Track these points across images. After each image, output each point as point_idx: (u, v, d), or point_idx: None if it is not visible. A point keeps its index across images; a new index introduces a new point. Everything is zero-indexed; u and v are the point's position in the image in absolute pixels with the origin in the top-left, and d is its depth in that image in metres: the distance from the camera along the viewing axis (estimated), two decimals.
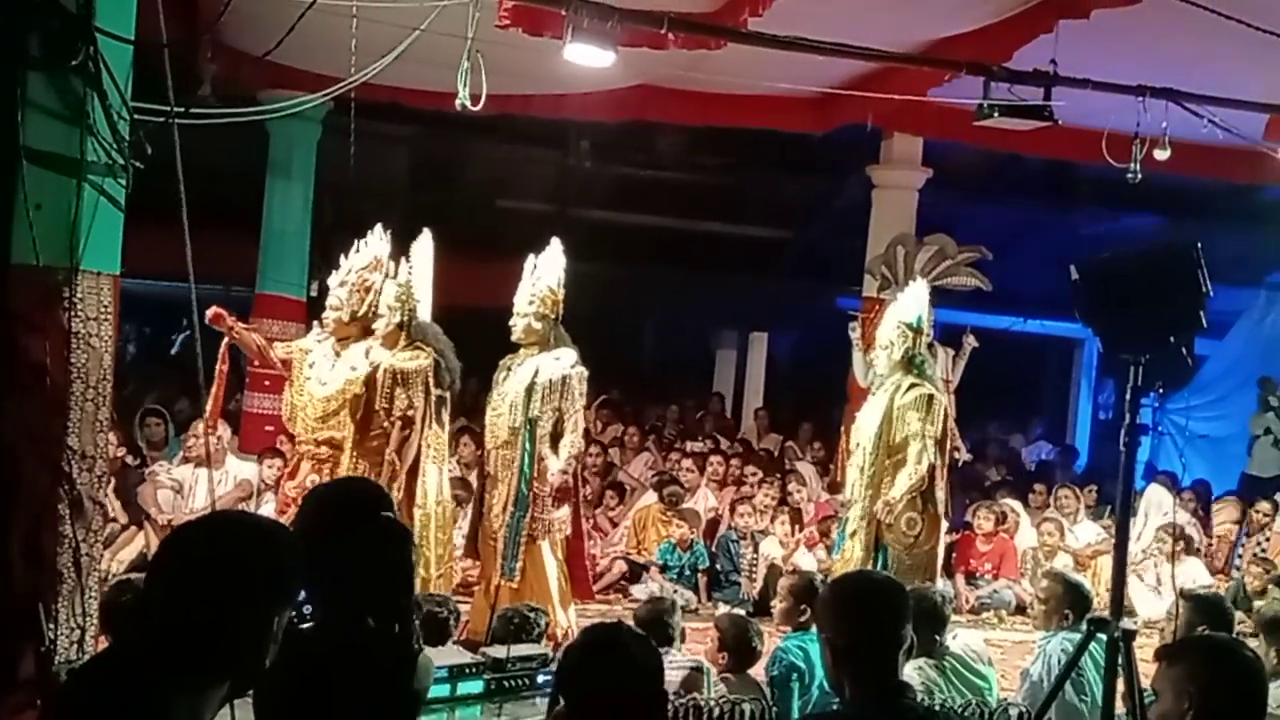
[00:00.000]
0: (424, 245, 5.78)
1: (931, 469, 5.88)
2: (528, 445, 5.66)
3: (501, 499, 5.71)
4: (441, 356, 5.64)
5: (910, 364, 6.03)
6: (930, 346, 8.47)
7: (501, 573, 5.64)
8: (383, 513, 2.40)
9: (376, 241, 5.75)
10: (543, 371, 5.67)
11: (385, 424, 5.53)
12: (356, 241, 5.77)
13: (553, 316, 5.76)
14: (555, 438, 5.73)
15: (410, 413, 5.51)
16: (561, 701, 2.30)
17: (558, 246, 5.84)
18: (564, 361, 5.72)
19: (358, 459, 5.55)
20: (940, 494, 6.04)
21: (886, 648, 2.34)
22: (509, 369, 5.82)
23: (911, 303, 6.17)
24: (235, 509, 6.01)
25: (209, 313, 5.46)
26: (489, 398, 5.89)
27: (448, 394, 5.70)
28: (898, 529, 5.88)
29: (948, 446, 6.15)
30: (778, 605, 4.86)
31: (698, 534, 7.91)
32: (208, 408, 5.96)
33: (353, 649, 2.19)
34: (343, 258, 5.76)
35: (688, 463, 8.97)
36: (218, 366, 5.64)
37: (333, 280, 5.75)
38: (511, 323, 5.77)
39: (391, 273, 5.66)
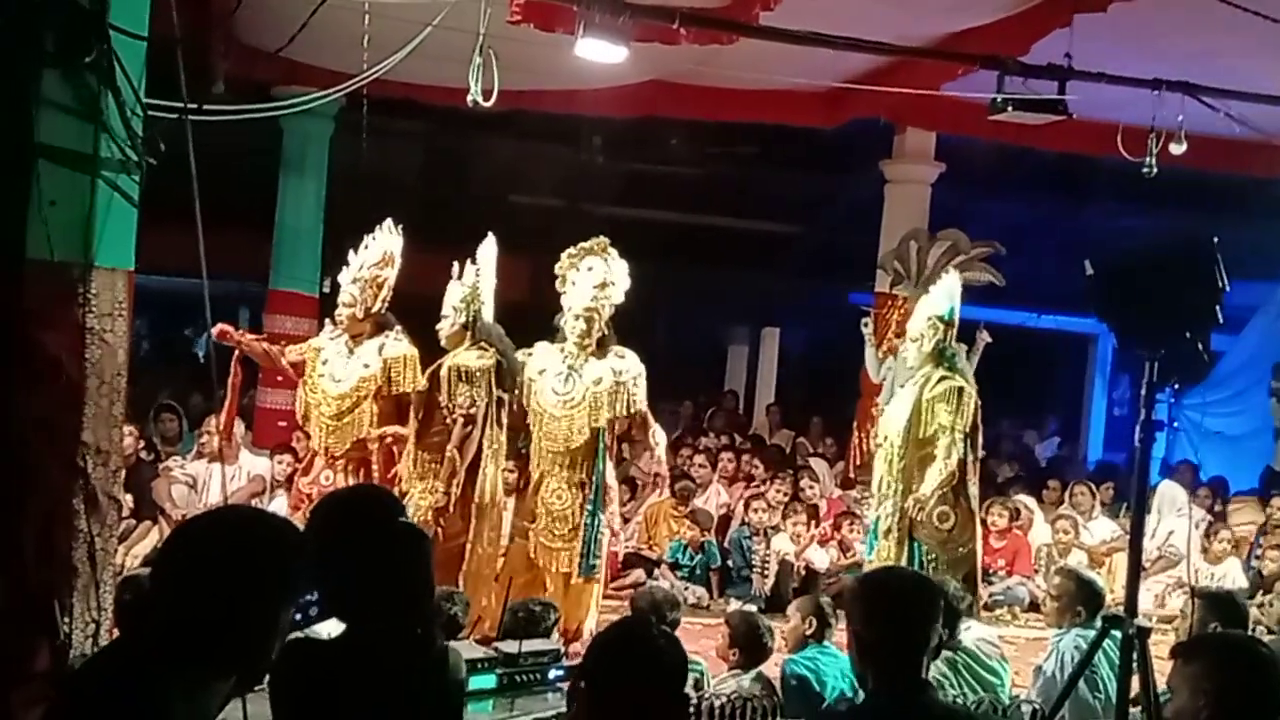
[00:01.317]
0: (489, 248, 5.76)
1: (962, 463, 5.79)
2: (602, 445, 5.70)
3: (571, 498, 5.69)
4: (504, 357, 5.65)
5: (941, 357, 5.95)
6: None
7: (580, 571, 5.67)
8: (399, 519, 2.41)
9: (387, 236, 5.76)
10: (621, 373, 5.68)
11: (448, 420, 5.57)
12: (366, 237, 5.77)
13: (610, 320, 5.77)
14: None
15: (473, 410, 5.54)
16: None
17: (609, 246, 5.74)
18: (631, 361, 5.75)
19: (418, 453, 5.60)
20: (973, 489, 5.96)
21: (913, 644, 2.34)
22: (569, 368, 5.71)
23: (942, 295, 6.10)
24: (244, 504, 6.05)
25: (215, 330, 5.48)
26: (535, 396, 5.75)
27: (507, 395, 5.70)
28: (930, 524, 5.79)
29: (979, 440, 6.06)
30: (787, 626, 4.83)
31: (710, 534, 7.90)
32: (221, 419, 6.01)
33: (382, 658, 2.21)
34: (352, 254, 5.77)
35: (700, 459, 8.96)
36: (230, 380, 5.69)
37: (344, 277, 5.75)
38: (569, 323, 5.67)
39: (457, 274, 5.67)
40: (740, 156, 12.32)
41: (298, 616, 2.22)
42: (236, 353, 5.68)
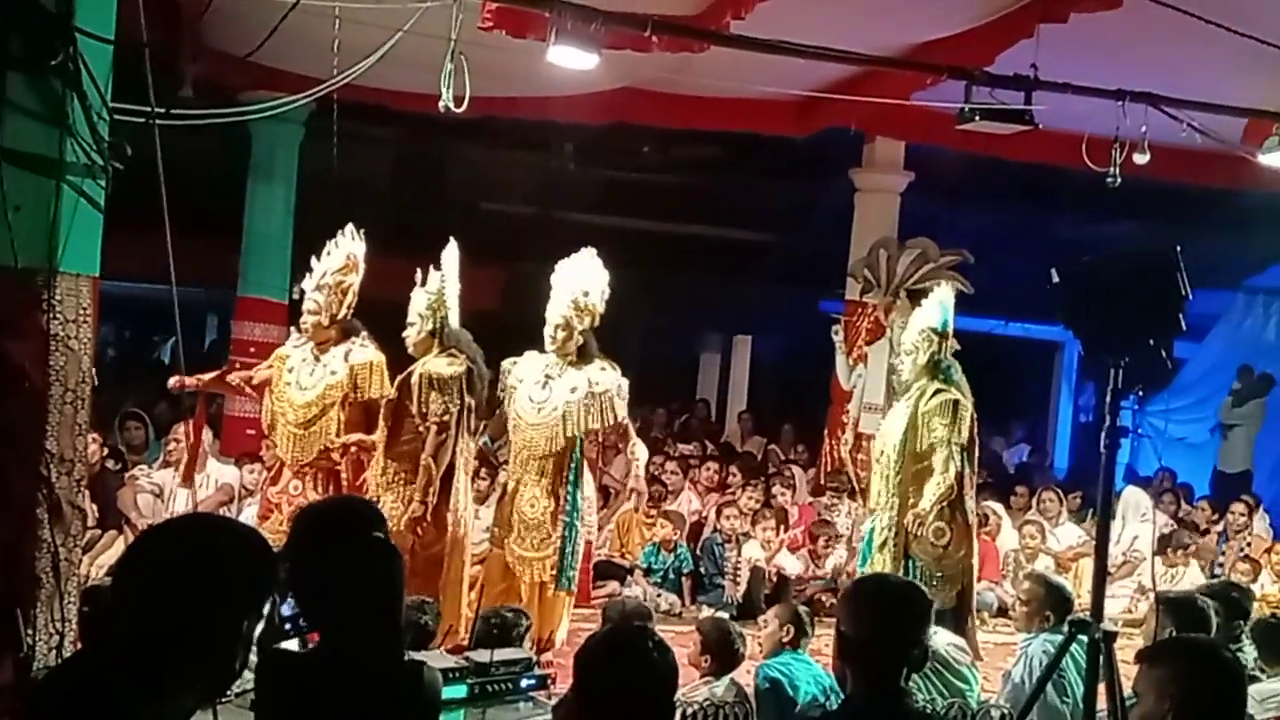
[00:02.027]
0: (452, 254, 5.74)
1: (960, 476, 5.74)
2: (577, 455, 5.67)
3: (544, 507, 5.65)
4: (474, 364, 5.63)
5: (936, 369, 5.90)
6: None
7: (559, 583, 5.64)
8: (374, 533, 2.40)
9: (349, 242, 5.73)
10: (598, 384, 5.65)
11: (420, 428, 5.54)
12: (329, 243, 5.75)
13: (591, 329, 5.74)
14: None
15: (446, 418, 5.51)
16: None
17: (594, 257, 5.73)
18: (612, 374, 5.72)
19: (388, 462, 5.56)
20: (970, 503, 5.90)
21: (897, 649, 2.36)
22: (546, 377, 5.72)
23: (935, 307, 6.03)
24: (209, 512, 6.00)
25: (170, 383, 5.46)
26: (515, 403, 5.76)
27: (473, 402, 5.67)
28: (925, 539, 5.73)
29: (975, 454, 5.99)
30: (764, 631, 4.83)
31: (681, 535, 7.91)
32: (182, 464, 5.95)
33: (353, 671, 2.20)
34: (315, 260, 5.74)
35: (671, 465, 8.98)
36: (193, 422, 5.66)
37: (308, 284, 5.71)
38: (550, 334, 5.67)
39: (421, 281, 5.65)
40: (712, 164, 12.35)
41: (288, 628, 2.21)
42: (199, 396, 5.65)
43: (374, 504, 4.28)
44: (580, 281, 5.68)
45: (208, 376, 5.92)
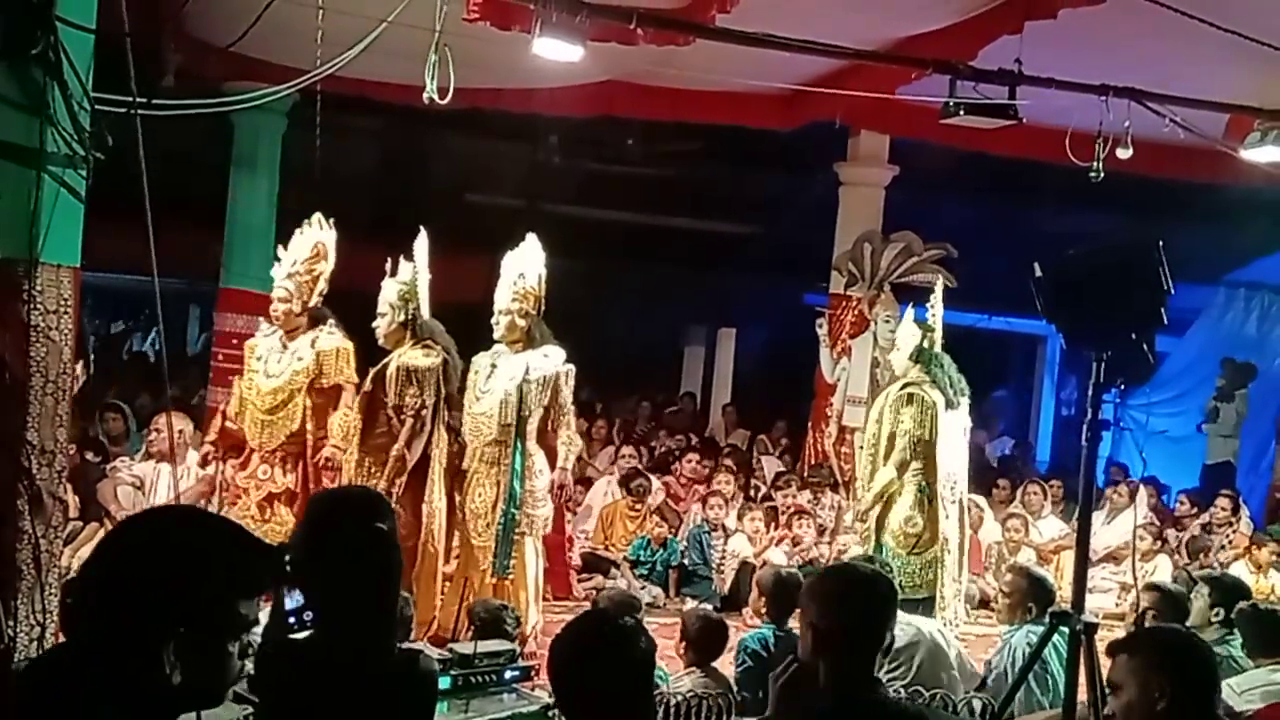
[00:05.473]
0: (423, 244, 5.75)
1: (924, 469, 5.80)
2: (518, 442, 5.64)
3: (489, 496, 5.67)
4: (448, 355, 5.64)
5: (919, 361, 6.01)
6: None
7: (493, 570, 5.62)
8: (376, 524, 2.39)
9: (316, 230, 5.73)
10: (534, 369, 5.64)
11: (395, 421, 5.52)
12: (296, 232, 5.74)
13: (535, 313, 5.74)
14: (539, 434, 5.74)
15: (423, 412, 5.52)
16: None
17: (535, 242, 5.80)
18: (554, 359, 5.71)
19: (362, 455, 5.57)
20: (945, 492, 5.92)
21: (872, 638, 2.35)
22: (492, 365, 5.76)
23: (928, 304, 6.25)
24: (190, 505, 5.98)
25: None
26: (467, 395, 5.83)
27: (448, 393, 5.69)
28: (896, 528, 5.79)
29: (937, 444, 5.99)
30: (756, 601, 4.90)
31: (678, 535, 7.93)
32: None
33: (352, 659, 2.19)
34: (282, 250, 5.72)
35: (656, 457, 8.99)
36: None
37: (277, 273, 5.71)
38: (494, 321, 5.72)
39: (391, 271, 5.65)
40: (697, 157, 12.34)
41: (292, 621, 2.19)
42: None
43: (383, 496, 4.30)
44: (516, 266, 5.70)
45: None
